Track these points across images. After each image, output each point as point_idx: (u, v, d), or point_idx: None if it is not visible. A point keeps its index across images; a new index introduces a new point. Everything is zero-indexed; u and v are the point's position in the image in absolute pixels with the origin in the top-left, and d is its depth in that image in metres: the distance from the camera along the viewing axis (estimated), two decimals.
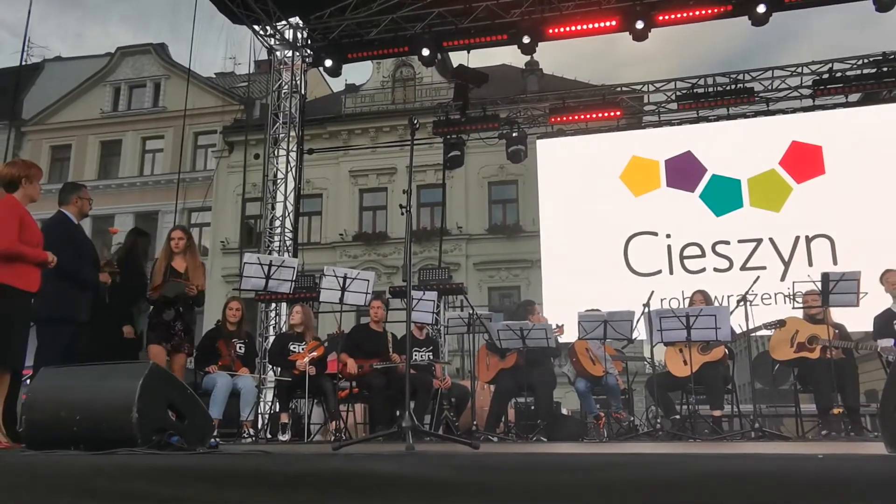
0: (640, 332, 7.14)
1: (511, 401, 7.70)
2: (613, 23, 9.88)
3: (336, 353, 7.09)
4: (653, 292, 6.99)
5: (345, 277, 6.70)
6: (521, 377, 7.09)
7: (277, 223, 10.93)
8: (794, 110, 11.80)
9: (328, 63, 10.83)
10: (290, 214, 11.04)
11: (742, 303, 6.92)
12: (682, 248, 11.62)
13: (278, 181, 11.06)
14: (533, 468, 2.26)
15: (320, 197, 23.14)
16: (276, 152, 11.20)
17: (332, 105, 24.29)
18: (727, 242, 11.45)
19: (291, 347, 6.97)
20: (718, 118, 12.06)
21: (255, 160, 14.45)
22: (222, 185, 23.70)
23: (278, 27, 11.12)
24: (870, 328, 7.22)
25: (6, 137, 24.01)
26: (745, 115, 11.95)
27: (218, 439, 4.36)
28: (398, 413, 6.63)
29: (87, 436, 3.31)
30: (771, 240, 11.29)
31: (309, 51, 11.33)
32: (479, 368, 7.52)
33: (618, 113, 12.16)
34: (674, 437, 6.46)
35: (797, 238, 11.19)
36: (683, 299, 10.57)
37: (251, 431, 6.59)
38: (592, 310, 7.59)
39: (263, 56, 12.09)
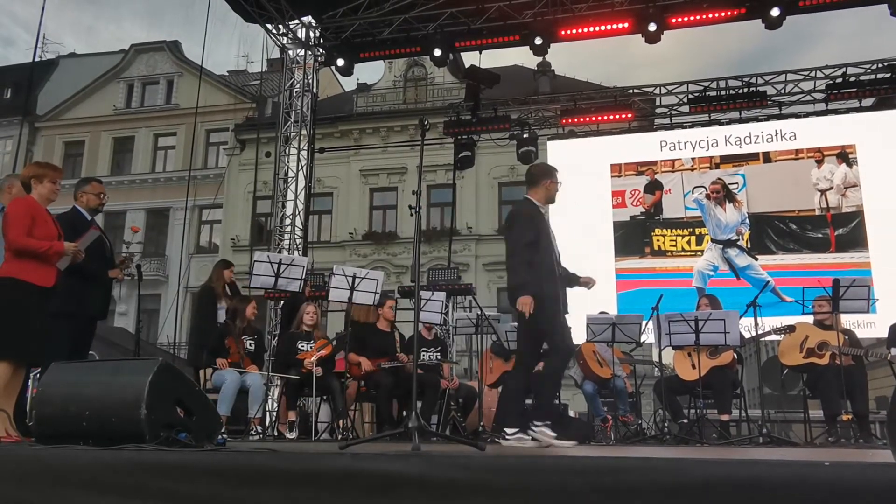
0: (649, 336, 7.13)
1: None
2: (626, 25, 9.84)
3: (344, 352, 7.10)
4: (661, 296, 6.96)
5: (354, 277, 6.72)
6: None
7: (288, 221, 10.95)
8: (807, 114, 11.73)
9: (340, 62, 10.85)
10: (301, 213, 11.06)
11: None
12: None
13: (289, 179, 11.09)
14: (539, 470, 2.26)
15: (331, 196, 23.21)
16: (287, 150, 11.22)
17: (344, 104, 24.36)
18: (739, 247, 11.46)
19: (300, 346, 6.99)
20: (730, 121, 12.01)
21: (267, 158, 14.48)
22: (233, 182, 23.80)
23: (291, 26, 11.14)
24: (878, 335, 7.18)
25: (19, 133, 24.19)
26: (757, 119, 11.91)
27: (225, 436, 4.38)
28: (405, 413, 6.64)
29: (95, 431, 3.33)
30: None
31: (321, 50, 11.36)
32: (484, 372, 7.53)
33: (629, 115, 12.12)
34: (681, 441, 6.44)
35: None
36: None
37: (259, 429, 6.62)
38: (602, 313, 7.58)
39: (276, 55, 12.12)
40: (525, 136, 12.48)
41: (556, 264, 5.00)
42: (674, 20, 9.73)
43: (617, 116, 12.01)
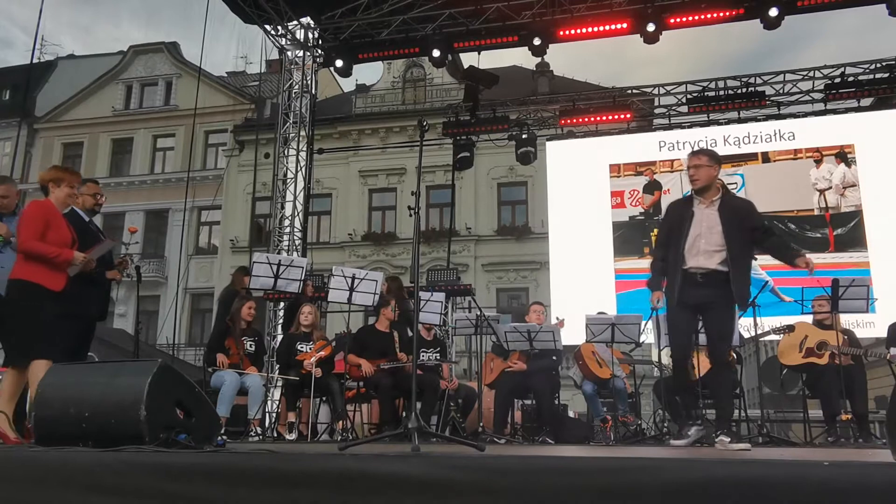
0: (648, 336, 7.13)
1: (518, 402, 7.69)
2: (624, 25, 9.86)
3: (343, 352, 7.09)
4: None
5: (353, 277, 6.72)
6: (524, 377, 7.09)
7: (287, 222, 10.96)
8: (806, 114, 11.75)
9: (339, 63, 10.85)
10: (300, 214, 11.06)
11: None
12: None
13: (288, 180, 11.09)
14: (537, 471, 2.25)
15: (330, 197, 23.21)
16: (286, 152, 11.23)
17: (343, 105, 24.35)
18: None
19: (299, 347, 6.99)
20: (729, 121, 12.02)
21: (266, 159, 14.50)
22: (232, 183, 23.79)
23: (289, 27, 11.15)
24: (878, 335, 7.18)
25: (17, 134, 24.16)
26: (755, 119, 11.92)
27: (225, 437, 4.37)
28: (404, 413, 6.63)
29: (95, 432, 3.33)
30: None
31: (320, 51, 11.36)
32: (484, 372, 7.52)
33: (628, 115, 12.13)
34: None
35: None
36: None
37: (258, 430, 6.61)
38: (601, 313, 7.58)
39: (275, 56, 12.11)
40: (524, 136, 12.49)
41: (682, 261, 4.86)
42: (672, 20, 9.74)
43: (616, 117, 12.03)
